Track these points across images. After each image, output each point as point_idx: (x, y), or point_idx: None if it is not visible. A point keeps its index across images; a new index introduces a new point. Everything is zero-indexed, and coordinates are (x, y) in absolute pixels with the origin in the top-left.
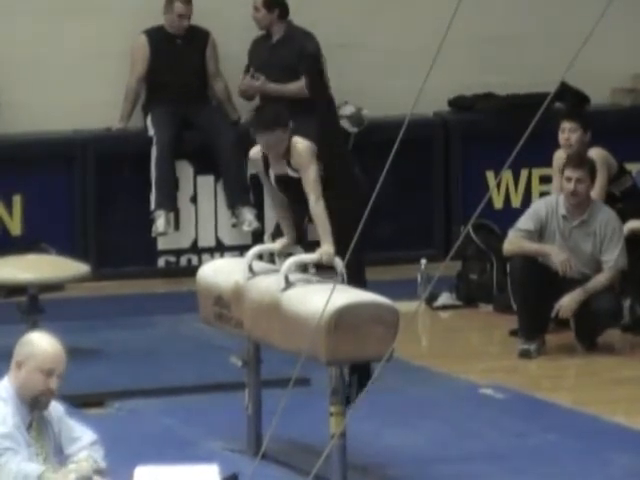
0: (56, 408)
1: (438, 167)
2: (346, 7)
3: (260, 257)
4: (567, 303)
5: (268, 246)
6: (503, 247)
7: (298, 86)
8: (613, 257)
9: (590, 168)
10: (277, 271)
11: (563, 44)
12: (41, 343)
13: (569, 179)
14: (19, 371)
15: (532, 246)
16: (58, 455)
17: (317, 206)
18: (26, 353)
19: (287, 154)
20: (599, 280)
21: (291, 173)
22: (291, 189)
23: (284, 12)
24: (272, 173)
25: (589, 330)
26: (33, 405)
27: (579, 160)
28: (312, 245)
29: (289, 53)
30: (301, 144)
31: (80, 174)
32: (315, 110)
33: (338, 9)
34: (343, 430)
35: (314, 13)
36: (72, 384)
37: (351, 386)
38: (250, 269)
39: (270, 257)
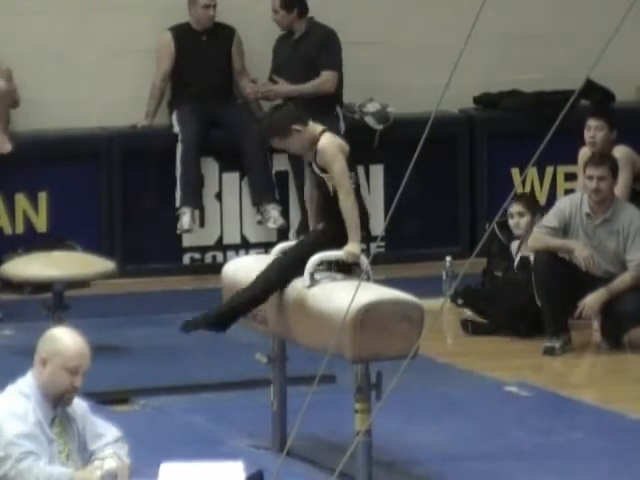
0: (80, 405)
1: (463, 164)
2: (372, 4)
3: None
4: (590, 303)
5: (293, 243)
6: (527, 244)
7: (316, 83)
8: (637, 256)
9: (612, 165)
10: None
11: (588, 42)
12: (66, 340)
13: (591, 177)
14: (43, 368)
15: (556, 242)
16: (82, 452)
17: (346, 201)
18: (50, 350)
19: (314, 150)
20: (623, 280)
21: (315, 169)
22: (314, 178)
23: (303, 10)
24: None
25: (614, 329)
26: (57, 401)
27: (600, 158)
28: None
29: (309, 49)
30: (323, 141)
31: (106, 171)
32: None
33: (364, 6)
34: (368, 427)
35: (340, 10)
36: (97, 381)
37: (377, 384)
38: None
39: None
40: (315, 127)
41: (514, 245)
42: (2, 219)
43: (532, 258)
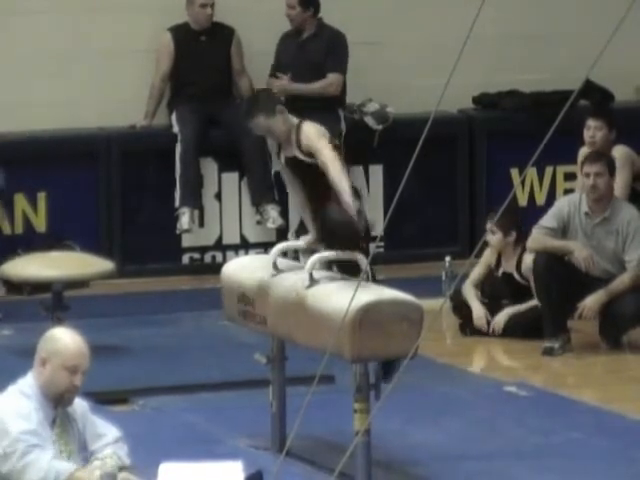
0: (80, 404)
1: (463, 164)
2: (372, 5)
3: (284, 254)
4: (590, 305)
5: (292, 243)
6: (527, 244)
7: (322, 85)
8: (636, 256)
9: (608, 163)
10: (301, 268)
11: (588, 42)
12: (65, 340)
13: (587, 174)
14: (43, 368)
15: (555, 243)
16: (82, 451)
17: (334, 168)
18: (50, 350)
19: (295, 137)
20: (622, 280)
21: (301, 156)
22: (300, 173)
23: (317, 10)
24: (282, 156)
25: (613, 330)
26: (57, 402)
27: (596, 155)
28: None
29: (317, 50)
30: (307, 126)
31: (105, 171)
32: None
33: (364, 7)
34: (367, 427)
35: (340, 10)
36: (96, 381)
37: (377, 384)
38: (274, 266)
39: (294, 254)
40: (293, 117)
41: (487, 254)
42: (1, 219)
43: (516, 276)
